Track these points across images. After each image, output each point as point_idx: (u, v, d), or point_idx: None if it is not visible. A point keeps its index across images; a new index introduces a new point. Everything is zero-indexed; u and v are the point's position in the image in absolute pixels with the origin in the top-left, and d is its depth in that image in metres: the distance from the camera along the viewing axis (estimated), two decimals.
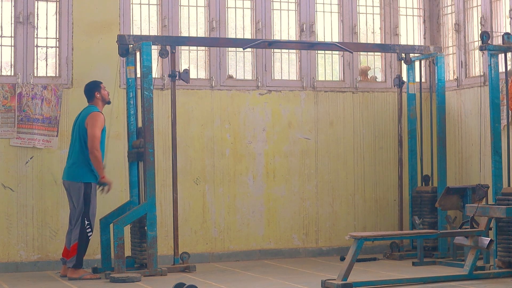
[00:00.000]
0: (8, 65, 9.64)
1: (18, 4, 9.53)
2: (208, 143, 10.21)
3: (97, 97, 9.08)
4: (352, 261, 7.80)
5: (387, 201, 10.90)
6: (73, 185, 8.86)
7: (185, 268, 9.16)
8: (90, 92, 9.11)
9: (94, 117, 8.89)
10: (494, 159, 8.72)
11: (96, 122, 8.86)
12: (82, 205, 8.77)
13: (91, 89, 9.11)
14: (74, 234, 8.79)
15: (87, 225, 8.77)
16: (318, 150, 10.65)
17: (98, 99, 9.09)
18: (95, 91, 9.08)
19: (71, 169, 8.91)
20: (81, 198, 8.78)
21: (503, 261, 8.42)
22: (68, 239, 8.98)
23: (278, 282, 8.36)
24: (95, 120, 8.87)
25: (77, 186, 8.82)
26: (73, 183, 8.86)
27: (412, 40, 11.23)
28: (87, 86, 9.16)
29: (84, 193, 8.80)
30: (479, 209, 8.22)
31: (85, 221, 8.77)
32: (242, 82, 10.44)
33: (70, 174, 8.92)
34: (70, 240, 8.91)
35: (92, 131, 8.81)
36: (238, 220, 10.29)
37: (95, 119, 8.88)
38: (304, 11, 10.68)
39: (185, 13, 10.29)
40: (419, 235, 8.80)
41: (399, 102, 10.59)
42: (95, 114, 8.92)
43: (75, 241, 8.77)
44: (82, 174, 8.84)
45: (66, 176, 8.96)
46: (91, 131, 8.81)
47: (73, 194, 8.88)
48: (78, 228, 8.77)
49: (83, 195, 8.79)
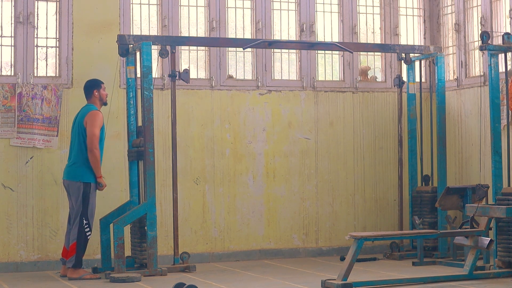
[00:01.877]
0: (8, 65, 9.64)
1: (18, 4, 9.53)
2: (208, 143, 10.21)
3: (95, 95, 9.08)
4: (352, 261, 7.80)
5: (387, 201, 10.90)
6: (73, 185, 8.86)
7: (185, 268, 9.16)
8: (89, 89, 9.11)
9: (93, 116, 8.88)
10: (494, 159, 8.72)
11: (95, 121, 8.85)
12: (80, 204, 8.77)
13: (90, 86, 9.11)
14: (73, 234, 8.79)
15: (86, 224, 8.77)
16: (318, 150, 10.65)
17: (95, 98, 9.08)
18: (94, 89, 9.08)
19: (71, 169, 8.92)
20: (79, 197, 8.78)
21: (503, 261, 8.42)
22: (67, 239, 8.98)
23: (278, 282, 8.36)
24: (94, 118, 8.86)
25: (76, 185, 8.82)
26: (73, 182, 8.86)
27: (412, 40, 11.23)
28: (88, 82, 9.16)
29: (83, 192, 8.80)
30: (479, 209, 8.22)
31: (84, 220, 8.76)
32: (242, 82, 10.44)
33: (69, 173, 8.92)
34: (69, 240, 8.91)
35: (91, 129, 8.81)
36: (238, 220, 10.29)
37: (94, 117, 8.87)
38: (304, 11, 10.68)
39: (185, 13, 10.29)
40: (419, 235, 8.80)
41: (399, 102, 10.59)
42: (94, 112, 8.92)
43: (73, 240, 8.77)
44: (82, 173, 8.84)
45: (66, 176, 8.97)
46: (90, 129, 8.81)
47: (72, 194, 8.88)
48: (76, 227, 8.77)
49: (81, 194, 8.79)
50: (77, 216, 8.79)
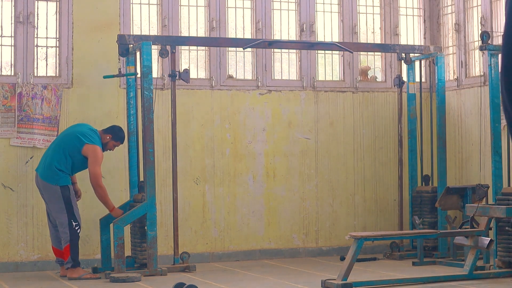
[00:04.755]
0: (8, 65, 9.64)
1: (18, 4, 9.53)
2: (208, 143, 10.21)
3: (107, 139, 9.04)
4: (352, 261, 7.79)
5: (387, 201, 10.90)
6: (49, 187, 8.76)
7: (185, 268, 9.16)
8: (110, 132, 9.06)
9: (96, 153, 8.82)
10: (494, 159, 8.72)
11: (97, 159, 8.82)
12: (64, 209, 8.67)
13: (111, 131, 9.06)
14: (65, 237, 8.72)
15: (76, 225, 8.75)
16: (318, 150, 10.65)
17: (105, 139, 9.01)
18: (112, 135, 9.04)
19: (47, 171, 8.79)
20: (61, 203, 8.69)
21: (503, 261, 8.42)
22: (53, 239, 8.91)
23: (278, 282, 8.36)
24: (97, 156, 8.82)
25: (53, 189, 8.72)
26: (49, 185, 8.77)
27: (412, 40, 11.23)
28: (117, 128, 9.12)
29: (64, 197, 8.71)
30: (479, 209, 8.22)
31: (73, 223, 8.73)
32: (242, 82, 10.44)
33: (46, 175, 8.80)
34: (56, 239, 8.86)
35: (94, 168, 8.77)
36: (238, 220, 10.29)
37: (97, 155, 8.82)
38: (304, 11, 10.68)
39: (185, 13, 10.28)
40: (419, 235, 8.80)
41: (399, 102, 10.59)
42: (98, 150, 8.85)
43: (66, 243, 8.73)
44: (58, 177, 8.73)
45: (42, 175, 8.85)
46: (93, 169, 8.77)
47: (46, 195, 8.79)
48: (67, 230, 8.71)
49: (63, 199, 8.71)
50: (63, 219, 8.72)
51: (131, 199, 9.31)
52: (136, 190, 9.31)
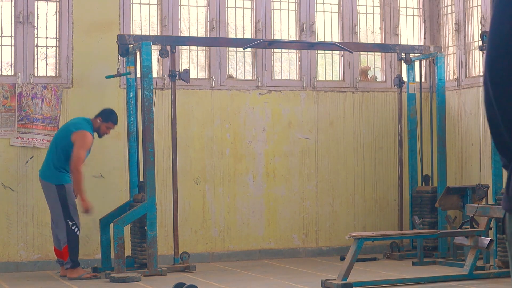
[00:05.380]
0: (8, 65, 9.64)
1: (18, 4, 9.53)
2: (208, 143, 10.21)
3: (98, 122, 8.99)
4: (352, 261, 7.79)
5: (387, 201, 10.90)
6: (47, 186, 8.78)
7: (185, 268, 9.16)
8: (100, 115, 9.02)
9: (83, 137, 8.73)
10: (494, 159, 8.72)
11: (84, 143, 8.71)
12: (60, 208, 8.68)
13: (100, 114, 9.02)
14: (62, 238, 8.74)
15: (72, 225, 8.73)
16: (318, 150, 10.65)
17: (96, 123, 8.97)
18: (102, 118, 9.00)
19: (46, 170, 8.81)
20: (57, 201, 8.70)
21: (503, 261, 8.41)
22: (55, 239, 8.92)
23: (278, 282, 8.36)
24: (83, 140, 8.72)
25: (51, 188, 8.72)
26: (47, 183, 8.78)
27: (412, 40, 11.23)
28: (108, 110, 9.06)
29: (60, 195, 8.70)
30: (479, 209, 8.22)
31: (69, 222, 8.71)
32: (242, 82, 10.44)
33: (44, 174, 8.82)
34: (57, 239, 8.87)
35: (78, 151, 8.66)
36: (238, 220, 10.28)
37: (83, 139, 8.73)
38: (304, 11, 10.68)
39: (185, 13, 10.28)
40: (419, 235, 8.80)
41: (399, 102, 10.59)
42: (85, 134, 8.76)
43: (64, 244, 8.73)
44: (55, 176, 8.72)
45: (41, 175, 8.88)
46: (77, 151, 8.66)
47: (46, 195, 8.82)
48: (64, 231, 8.71)
49: (59, 198, 8.72)
50: (60, 219, 8.72)
51: (131, 199, 9.31)
52: (136, 190, 9.31)
